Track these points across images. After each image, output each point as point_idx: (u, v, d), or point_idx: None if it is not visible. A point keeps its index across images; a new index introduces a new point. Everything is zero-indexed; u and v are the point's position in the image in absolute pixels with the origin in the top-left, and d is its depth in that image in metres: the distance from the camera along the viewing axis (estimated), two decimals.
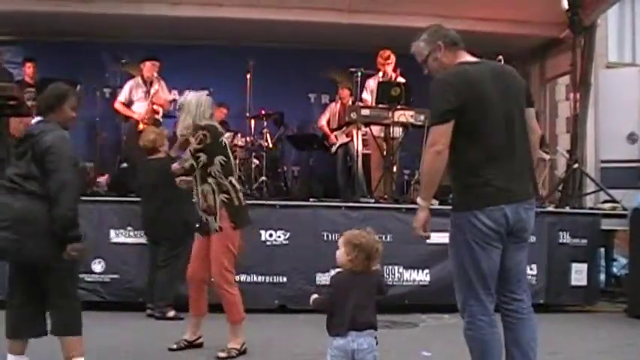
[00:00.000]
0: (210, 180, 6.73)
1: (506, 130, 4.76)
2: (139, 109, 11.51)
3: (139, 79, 11.67)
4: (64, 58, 13.09)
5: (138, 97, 11.61)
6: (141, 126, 11.20)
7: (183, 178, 7.01)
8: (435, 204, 4.72)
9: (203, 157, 6.67)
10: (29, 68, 11.94)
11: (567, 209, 10.27)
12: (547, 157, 12.11)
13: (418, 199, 4.90)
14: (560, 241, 9.74)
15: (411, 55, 5.20)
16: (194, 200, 6.93)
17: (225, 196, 6.78)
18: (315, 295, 5.20)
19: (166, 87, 11.96)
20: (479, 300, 4.80)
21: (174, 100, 11.49)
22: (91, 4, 11.89)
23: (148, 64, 11.63)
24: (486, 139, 4.72)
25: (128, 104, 11.64)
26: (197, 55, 13.49)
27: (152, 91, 11.58)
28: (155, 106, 11.45)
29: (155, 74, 11.70)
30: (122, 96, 11.68)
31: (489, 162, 4.72)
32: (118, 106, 11.73)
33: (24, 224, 5.18)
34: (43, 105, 5.57)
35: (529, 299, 5.04)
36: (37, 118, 5.56)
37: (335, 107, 13.01)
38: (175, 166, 6.96)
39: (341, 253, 5.07)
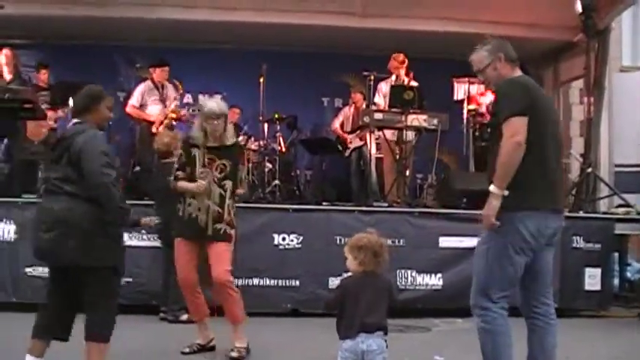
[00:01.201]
0: (226, 186, 6.80)
1: (554, 145, 5.03)
2: (154, 112, 11.53)
3: (149, 83, 11.67)
4: (78, 62, 13.13)
5: (152, 100, 11.63)
6: (154, 129, 11.23)
7: (183, 183, 6.97)
8: (505, 193, 4.80)
9: (228, 183, 6.84)
10: (44, 75, 11.93)
11: (581, 214, 10.22)
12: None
13: (492, 187, 4.93)
14: (574, 245, 9.69)
15: (425, 60, 5.33)
16: (191, 203, 6.88)
17: (232, 202, 6.88)
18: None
19: (175, 90, 11.97)
20: (490, 299, 4.96)
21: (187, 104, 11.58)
22: (105, 8, 11.93)
23: (157, 70, 11.65)
24: (543, 148, 4.94)
25: (140, 107, 11.67)
26: (210, 58, 13.52)
27: (166, 94, 11.60)
28: (172, 114, 11.44)
29: (166, 79, 11.73)
30: (134, 99, 11.67)
31: (541, 168, 4.92)
32: (130, 109, 11.70)
33: (65, 226, 5.20)
34: (79, 106, 5.58)
35: (554, 305, 5.19)
36: (74, 120, 5.56)
37: (348, 111, 13.02)
38: (201, 184, 6.85)
39: (350, 261, 5.14)
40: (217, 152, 6.85)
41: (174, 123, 11.50)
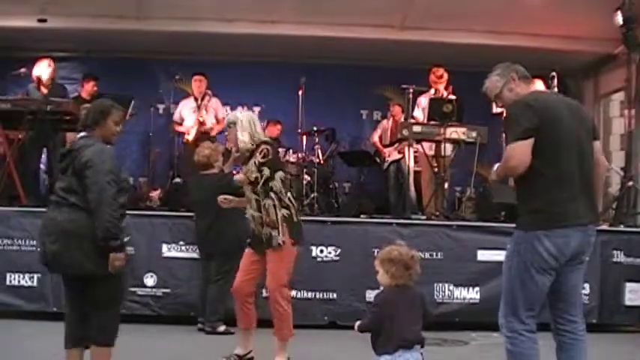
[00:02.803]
0: (272, 194, 6.78)
1: (577, 157, 4.92)
2: (190, 122, 11.67)
3: (190, 98, 11.84)
4: (119, 74, 13.27)
5: (189, 112, 11.77)
6: (190, 137, 11.36)
7: (227, 197, 7.07)
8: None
9: (266, 170, 6.73)
10: (93, 87, 12.01)
11: (621, 227, 10.11)
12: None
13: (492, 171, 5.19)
14: (614, 260, 9.57)
15: (464, 73, 5.38)
16: (247, 215, 6.95)
17: (286, 211, 6.83)
18: (359, 322, 5.21)
19: (220, 103, 12.08)
20: (519, 319, 4.90)
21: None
22: (146, 21, 12.07)
23: (193, 80, 11.84)
24: (559, 162, 4.86)
25: (180, 123, 11.81)
26: (250, 71, 13.59)
27: (203, 104, 11.72)
28: (201, 120, 11.56)
29: (204, 90, 11.81)
30: (175, 115, 11.96)
31: (560, 185, 4.84)
32: (173, 125, 12.02)
33: (69, 236, 5.31)
34: (88, 120, 5.67)
35: (583, 321, 5.09)
36: (82, 134, 5.65)
37: (386, 124, 13.01)
38: (240, 176, 6.95)
39: (381, 275, 5.13)
40: (247, 161, 6.90)
41: (214, 135, 11.58)
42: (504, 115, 5.25)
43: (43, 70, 10.81)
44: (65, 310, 5.71)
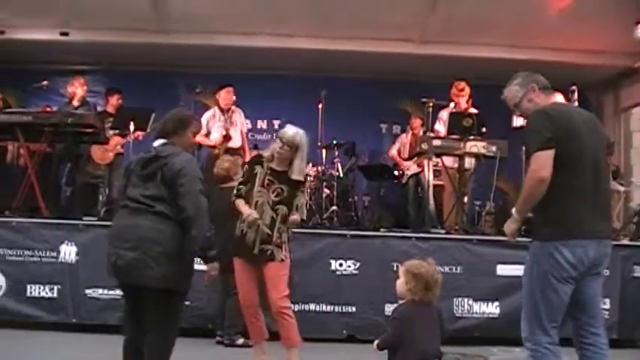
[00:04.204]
0: (279, 210, 6.86)
1: (594, 170, 4.95)
2: (216, 137, 11.68)
3: (215, 109, 11.82)
4: (140, 87, 13.36)
5: (216, 126, 11.74)
6: (216, 151, 11.37)
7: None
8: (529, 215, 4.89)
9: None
10: (118, 100, 12.06)
11: None
12: (622, 188, 11.93)
13: (513, 211, 5.04)
14: (635, 274, 9.52)
15: (484, 86, 5.38)
16: (250, 218, 6.89)
17: (284, 227, 6.90)
18: (377, 341, 5.21)
19: (243, 116, 12.10)
20: (544, 330, 4.89)
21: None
22: (167, 35, 12.16)
23: (222, 92, 11.78)
24: (577, 173, 4.88)
25: (206, 135, 11.81)
26: (269, 84, 13.63)
27: (231, 119, 11.73)
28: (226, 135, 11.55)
29: (232, 103, 11.81)
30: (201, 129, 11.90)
31: (577, 196, 4.86)
32: (199, 138, 11.94)
33: (152, 245, 5.15)
34: (168, 128, 5.57)
35: (606, 335, 5.09)
36: (161, 141, 5.53)
37: (406, 137, 13.01)
38: (295, 218, 6.87)
39: (400, 283, 5.15)
40: (279, 176, 6.90)
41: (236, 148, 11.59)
42: (525, 124, 5.24)
43: (77, 88, 10.94)
44: (125, 327, 5.52)
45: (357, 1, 11.22)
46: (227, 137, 11.54)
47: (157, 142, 5.55)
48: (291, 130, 7.04)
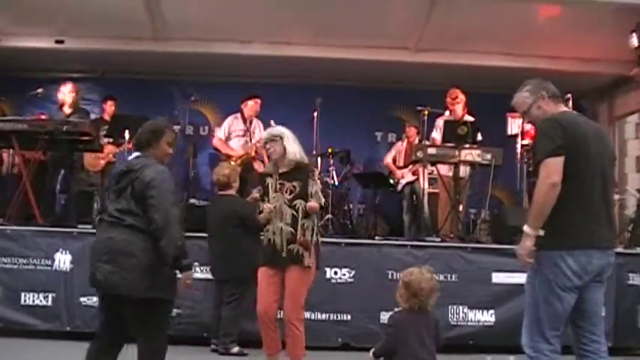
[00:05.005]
0: (313, 216, 6.83)
1: (601, 179, 5.00)
2: (236, 145, 11.65)
3: (238, 116, 11.83)
4: (136, 95, 13.37)
5: (236, 133, 11.74)
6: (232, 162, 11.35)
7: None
8: (541, 233, 4.86)
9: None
10: (111, 107, 12.16)
11: (637, 250, 10.07)
12: (616, 196, 11.94)
13: (525, 227, 5.00)
14: (630, 282, 9.53)
15: (480, 94, 5.39)
16: (269, 227, 6.88)
17: (317, 236, 6.88)
18: (373, 349, 5.24)
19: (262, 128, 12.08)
20: (545, 338, 4.92)
21: None
22: (163, 43, 12.15)
23: (248, 103, 11.81)
24: (583, 183, 4.91)
25: (225, 140, 11.79)
26: (265, 92, 13.60)
27: (252, 130, 11.72)
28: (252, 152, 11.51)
29: (257, 114, 11.82)
30: (221, 132, 11.87)
31: (584, 206, 4.91)
32: (216, 141, 11.94)
33: (124, 257, 5.24)
34: (141, 140, 5.63)
35: (605, 342, 5.14)
36: (136, 153, 5.62)
37: (401, 145, 13.02)
38: (313, 204, 6.80)
39: (397, 291, 5.20)
40: (287, 176, 6.93)
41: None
42: (536, 129, 5.29)
43: (66, 94, 10.92)
44: (97, 336, 5.61)
45: (354, 9, 11.21)
46: (252, 156, 11.52)
47: (132, 156, 5.67)
48: (263, 132, 7.14)
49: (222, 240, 8.55)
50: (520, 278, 8.58)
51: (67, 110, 10.81)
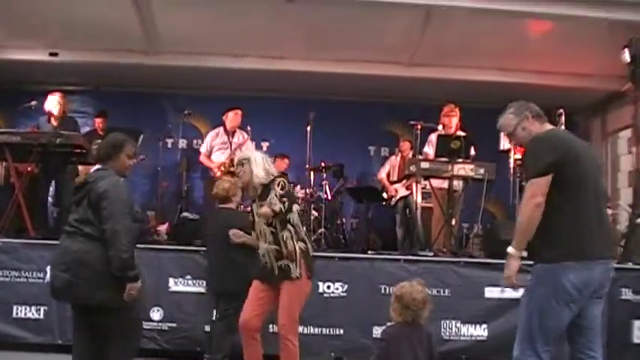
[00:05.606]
0: (289, 227, 6.78)
1: (594, 193, 5.04)
2: (218, 159, 11.67)
3: (220, 129, 11.88)
4: (128, 108, 13.41)
5: (218, 147, 11.78)
6: (218, 173, 11.34)
7: (237, 232, 7.06)
8: (524, 254, 4.89)
9: (287, 203, 6.72)
10: (100, 124, 12.19)
11: (630, 265, 10.05)
12: (609, 211, 11.94)
13: (510, 249, 5.05)
14: (622, 297, 9.50)
15: (472, 109, 5.44)
16: (260, 251, 6.91)
17: (303, 244, 6.84)
18: None
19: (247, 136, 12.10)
20: (536, 352, 4.93)
21: None
22: (156, 56, 12.18)
23: (229, 114, 11.88)
24: (580, 197, 4.95)
25: (209, 154, 11.82)
26: (258, 106, 13.62)
27: (234, 141, 11.75)
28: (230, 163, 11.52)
29: (238, 125, 11.85)
30: (203, 147, 11.99)
31: (582, 219, 4.94)
32: (201, 158, 12.06)
33: (81, 266, 5.38)
34: (102, 154, 5.81)
35: (602, 358, 5.13)
36: (97, 166, 5.79)
37: (395, 160, 13.04)
38: (265, 209, 6.79)
39: (391, 308, 5.22)
40: (262, 197, 6.89)
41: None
42: (525, 149, 5.31)
43: (53, 104, 10.91)
44: (73, 344, 5.73)
45: (347, 23, 11.23)
46: (232, 162, 11.53)
47: (93, 169, 5.87)
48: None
49: (218, 252, 8.52)
50: (512, 293, 8.66)
51: (54, 122, 10.80)
